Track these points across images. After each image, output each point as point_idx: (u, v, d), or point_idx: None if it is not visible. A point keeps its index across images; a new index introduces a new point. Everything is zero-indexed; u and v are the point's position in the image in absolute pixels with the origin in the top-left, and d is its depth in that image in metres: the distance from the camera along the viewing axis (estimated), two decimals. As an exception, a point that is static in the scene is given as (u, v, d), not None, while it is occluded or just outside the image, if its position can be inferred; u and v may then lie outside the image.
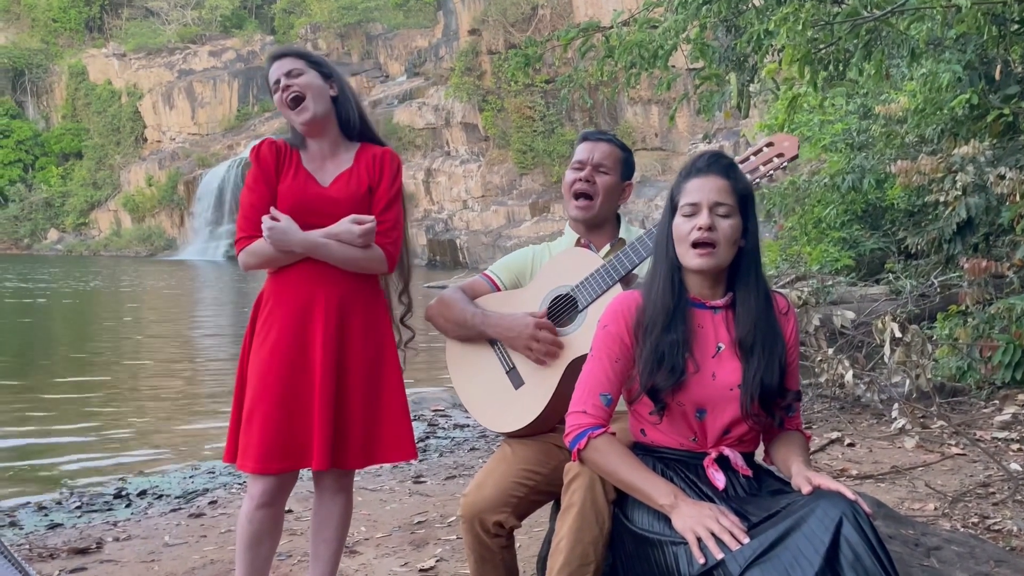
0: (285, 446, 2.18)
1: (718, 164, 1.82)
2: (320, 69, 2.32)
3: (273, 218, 2.20)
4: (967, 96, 6.08)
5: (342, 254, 2.22)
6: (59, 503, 4.52)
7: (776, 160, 2.12)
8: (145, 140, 54.00)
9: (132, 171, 52.02)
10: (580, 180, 2.32)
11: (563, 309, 2.19)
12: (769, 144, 2.14)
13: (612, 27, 5.75)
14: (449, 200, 43.26)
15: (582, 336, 2.11)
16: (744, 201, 1.82)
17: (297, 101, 2.27)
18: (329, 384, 2.19)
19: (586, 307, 2.14)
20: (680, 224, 1.80)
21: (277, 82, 2.29)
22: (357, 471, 2.58)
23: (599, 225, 2.36)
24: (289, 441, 2.18)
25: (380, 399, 2.28)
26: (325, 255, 2.21)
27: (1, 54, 55.30)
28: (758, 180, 2.13)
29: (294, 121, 2.29)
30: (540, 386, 2.16)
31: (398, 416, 2.29)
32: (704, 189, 1.79)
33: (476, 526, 2.07)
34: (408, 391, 2.41)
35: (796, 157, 2.15)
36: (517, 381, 2.20)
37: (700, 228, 1.76)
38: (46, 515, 4.27)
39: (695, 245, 1.77)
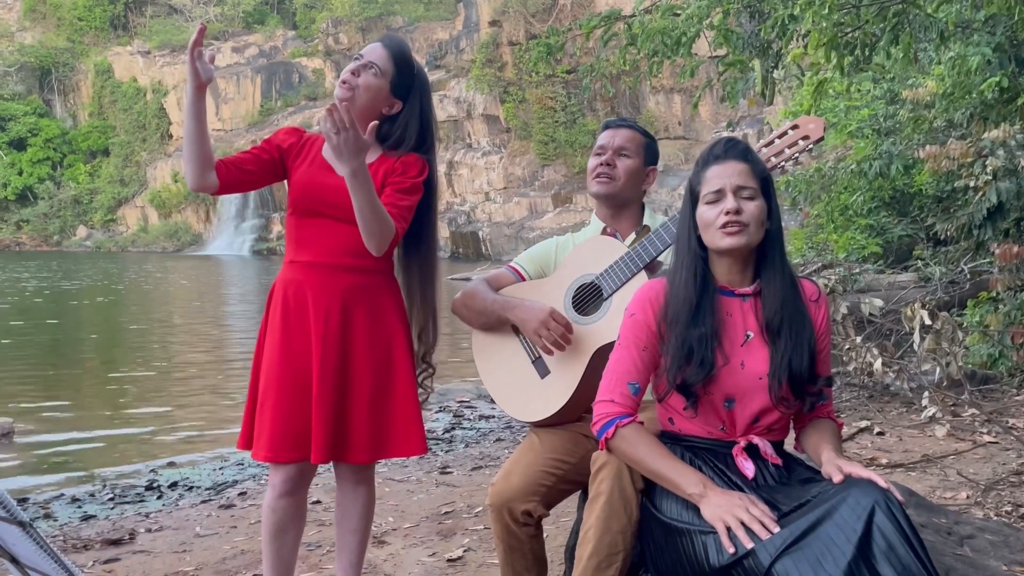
0: (295, 436, 2.18)
1: (735, 149, 1.81)
2: (396, 88, 2.26)
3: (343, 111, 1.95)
4: (997, 79, 5.96)
5: (368, 192, 2.04)
6: (92, 495, 4.59)
7: (801, 143, 2.10)
8: (171, 136, 54.47)
9: (158, 167, 52.55)
10: (601, 164, 2.31)
11: (588, 298, 2.18)
12: (794, 127, 2.12)
13: (634, 15, 5.71)
14: (471, 192, 43.28)
15: (607, 324, 2.10)
16: (765, 182, 1.81)
17: (347, 88, 2.23)
18: (328, 379, 2.18)
19: (611, 295, 2.13)
20: (705, 211, 1.79)
21: (360, 57, 2.26)
22: (382, 462, 2.58)
23: (623, 208, 2.35)
24: (298, 432, 2.19)
25: (389, 394, 2.26)
26: (363, 180, 2.03)
27: (28, 53, 55.99)
28: (783, 163, 2.11)
29: (335, 93, 2.25)
30: (566, 375, 2.15)
31: (408, 411, 2.27)
32: (725, 175, 1.77)
33: (504, 515, 2.07)
34: (434, 383, 2.41)
35: (822, 139, 2.12)
36: (543, 370, 2.20)
37: (728, 212, 1.75)
38: (80, 507, 4.34)
39: (723, 227, 1.76)
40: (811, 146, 2.10)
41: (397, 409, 2.26)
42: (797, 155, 2.10)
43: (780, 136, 2.12)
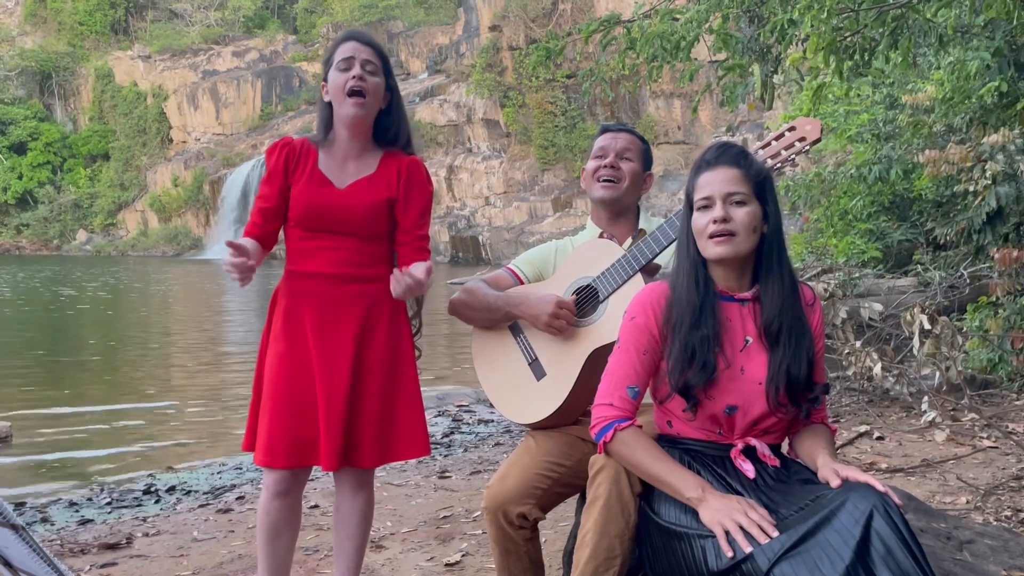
0: (292, 443, 2.19)
1: (727, 154, 1.80)
2: (388, 80, 2.29)
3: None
4: (996, 83, 5.96)
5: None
6: (90, 499, 4.58)
7: (798, 144, 2.09)
8: (171, 141, 54.53)
9: (158, 171, 52.57)
10: (605, 167, 2.31)
11: (585, 300, 2.18)
12: (791, 128, 2.11)
13: (633, 19, 5.71)
14: (471, 196, 43.28)
15: (603, 326, 2.10)
16: (760, 187, 1.79)
17: (359, 95, 2.21)
18: (339, 388, 2.19)
19: (607, 297, 2.13)
20: (697, 218, 1.79)
21: (350, 60, 2.21)
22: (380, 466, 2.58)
23: (622, 213, 2.35)
24: (296, 438, 2.19)
25: (396, 397, 2.27)
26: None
27: (29, 57, 56.02)
28: (780, 164, 2.11)
29: (343, 109, 2.22)
30: (562, 377, 2.15)
31: (413, 413, 2.29)
32: (715, 181, 1.78)
33: (500, 518, 2.06)
34: (433, 387, 2.42)
35: (819, 140, 2.11)
36: (539, 372, 2.20)
37: (715, 221, 1.75)
38: (77, 511, 4.33)
39: (712, 236, 1.76)
40: (808, 147, 2.10)
41: (403, 412, 2.27)
42: (794, 156, 2.10)
43: (777, 138, 2.12)
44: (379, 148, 2.32)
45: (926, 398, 5.00)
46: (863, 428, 4.86)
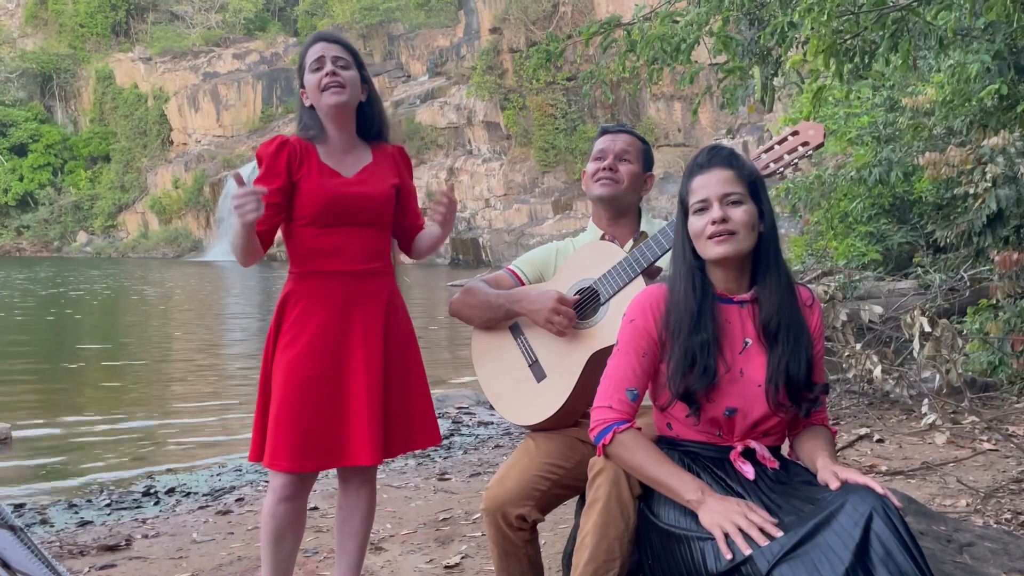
0: (317, 445, 2.17)
1: (719, 156, 1.81)
2: (361, 72, 2.32)
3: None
4: (996, 86, 5.96)
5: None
6: (89, 501, 4.57)
7: (801, 148, 2.09)
8: (171, 143, 54.59)
9: (159, 173, 52.64)
10: (603, 169, 2.31)
11: (586, 302, 2.18)
12: (794, 133, 2.11)
13: (634, 22, 5.71)
14: (472, 199, 43.33)
15: (604, 328, 2.10)
16: (754, 186, 1.80)
17: (339, 91, 2.23)
18: (381, 380, 2.21)
19: (608, 299, 2.12)
20: (694, 221, 1.79)
21: (320, 59, 2.25)
22: (380, 467, 2.60)
23: (623, 214, 2.35)
24: (322, 440, 2.17)
25: (410, 387, 2.31)
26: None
27: (30, 59, 56.09)
28: (782, 168, 2.11)
29: (325, 102, 2.24)
30: (562, 379, 2.15)
31: (425, 402, 2.34)
32: (710, 183, 1.78)
33: (499, 519, 2.06)
34: (433, 389, 2.43)
35: (822, 145, 2.11)
36: (540, 374, 2.19)
37: (714, 222, 1.75)
38: (76, 512, 4.33)
39: (712, 237, 1.76)
40: (811, 152, 2.10)
41: (417, 401, 2.31)
42: (796, 160, 2.10)
43: (780, 142, 2.12)
44: (365, 142, 2.37)
45: (926, 401, 5.00)
46: (863, 430, 4.86)
